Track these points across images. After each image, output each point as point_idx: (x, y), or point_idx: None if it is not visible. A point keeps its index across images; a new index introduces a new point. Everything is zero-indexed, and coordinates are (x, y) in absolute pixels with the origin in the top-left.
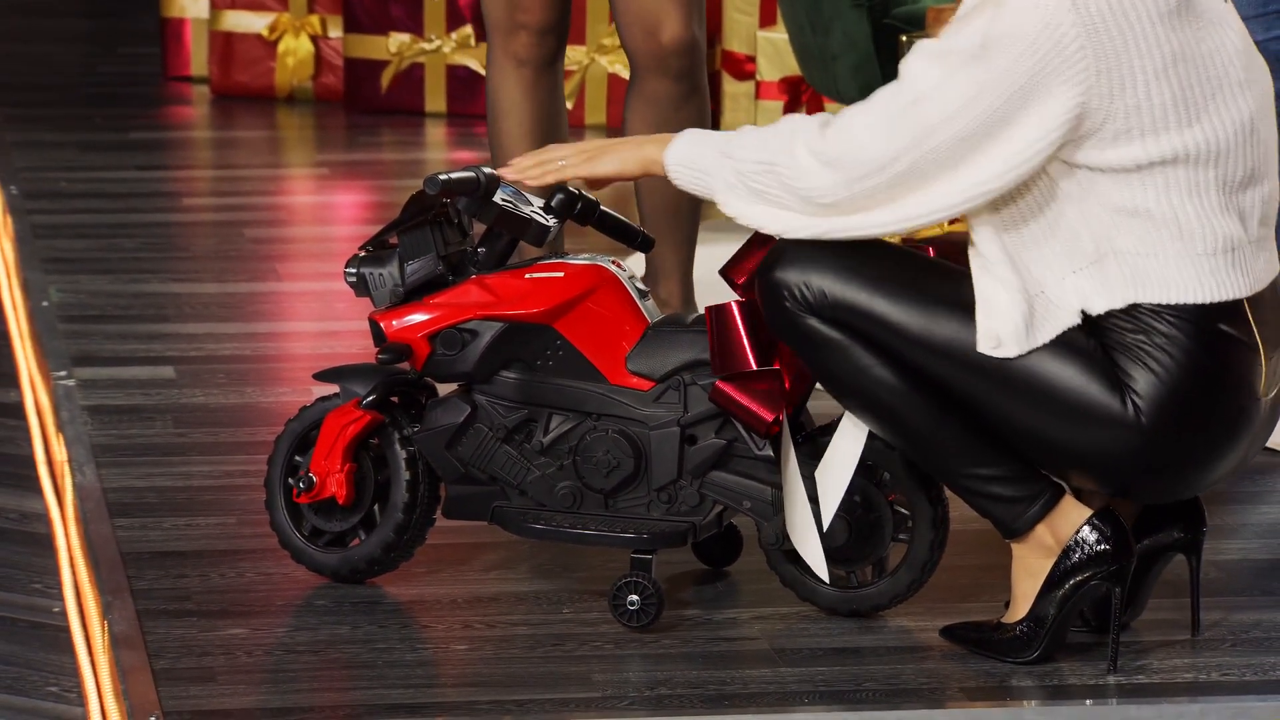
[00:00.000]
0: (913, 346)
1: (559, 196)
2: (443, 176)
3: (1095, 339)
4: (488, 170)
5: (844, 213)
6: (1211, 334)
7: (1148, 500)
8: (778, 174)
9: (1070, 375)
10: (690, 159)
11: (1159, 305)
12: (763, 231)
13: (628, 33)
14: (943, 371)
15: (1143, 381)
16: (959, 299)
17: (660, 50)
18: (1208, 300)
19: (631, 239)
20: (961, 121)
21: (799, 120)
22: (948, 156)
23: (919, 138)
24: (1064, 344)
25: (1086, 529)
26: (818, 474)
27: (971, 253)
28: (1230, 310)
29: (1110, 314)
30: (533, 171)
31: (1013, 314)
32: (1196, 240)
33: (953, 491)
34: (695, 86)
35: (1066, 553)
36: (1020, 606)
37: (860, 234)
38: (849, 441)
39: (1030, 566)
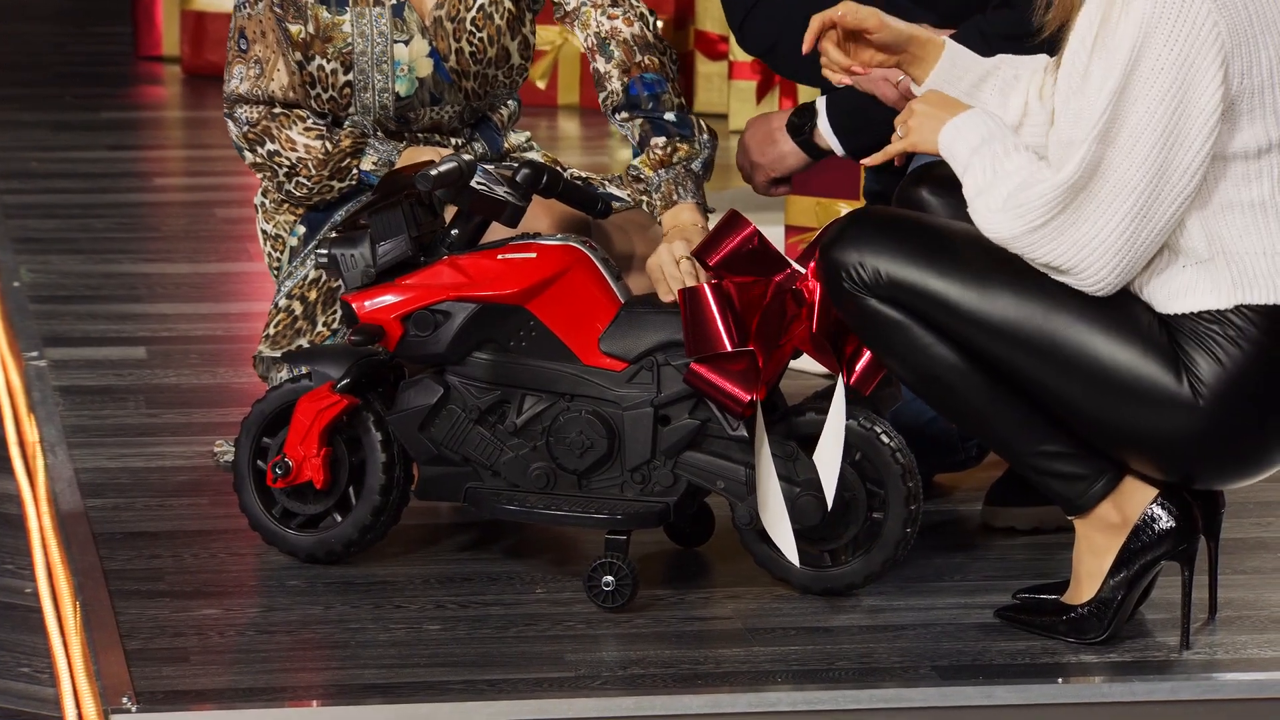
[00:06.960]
0: (969, 325)
1: (524, 171)
2: (433, 172)
3: (1154, 317)
4: (466, 157)
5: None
6: None
7: (1207, 486)
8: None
9: (1126, 354)
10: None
11: (1254, 305)
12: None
13: None
14: (999, 351)
15: (1205, 366)
16: (1015, 277)
17: None
18: None
19: (591, 206)
20: (1144, 150)
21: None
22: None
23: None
24: (1122, 321)
25: (1156, 507)
26: (815, 457)
27: None
28: None
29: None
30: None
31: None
32: None
33: (1017, 469)
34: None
35: (1136, 532)
36: (1085, 586)
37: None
38: (838, 420)
39: (1094, 544)
